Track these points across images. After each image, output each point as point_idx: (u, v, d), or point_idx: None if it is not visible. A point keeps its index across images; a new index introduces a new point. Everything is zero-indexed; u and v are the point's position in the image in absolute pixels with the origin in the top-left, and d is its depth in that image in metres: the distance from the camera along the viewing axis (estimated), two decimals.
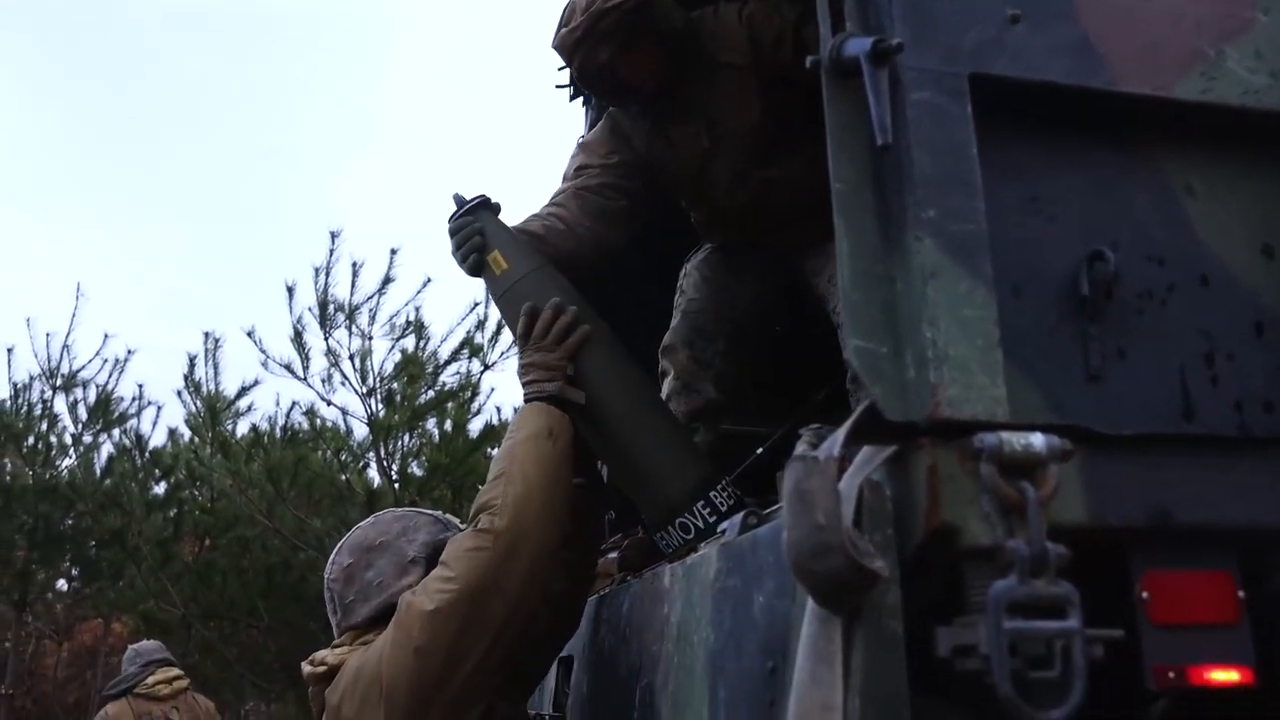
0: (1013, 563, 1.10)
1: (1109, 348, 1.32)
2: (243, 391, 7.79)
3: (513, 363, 8.70)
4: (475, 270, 2.30)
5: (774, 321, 2.67)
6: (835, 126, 1.30)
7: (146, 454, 8.90)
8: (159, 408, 8.86)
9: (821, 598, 1.12)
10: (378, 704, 1.87)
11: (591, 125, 2.95)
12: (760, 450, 2.70)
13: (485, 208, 2.28)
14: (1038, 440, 1.16)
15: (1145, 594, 1.23)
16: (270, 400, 11.93)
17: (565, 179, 2.47)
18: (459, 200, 2.29)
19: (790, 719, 1.14)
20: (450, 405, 7.29)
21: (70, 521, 9.06)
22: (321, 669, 2.03)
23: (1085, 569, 1.14)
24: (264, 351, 7.18)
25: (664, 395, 2.48)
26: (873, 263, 1.27)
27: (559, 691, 3.16)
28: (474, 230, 2.24)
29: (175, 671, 5.34)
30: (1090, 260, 1.33)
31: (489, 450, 7.73)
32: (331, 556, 2.24)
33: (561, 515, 2.05)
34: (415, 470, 7.26)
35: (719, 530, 1.75)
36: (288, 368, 7.20)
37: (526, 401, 2.16)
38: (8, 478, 8.93)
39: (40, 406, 9.03)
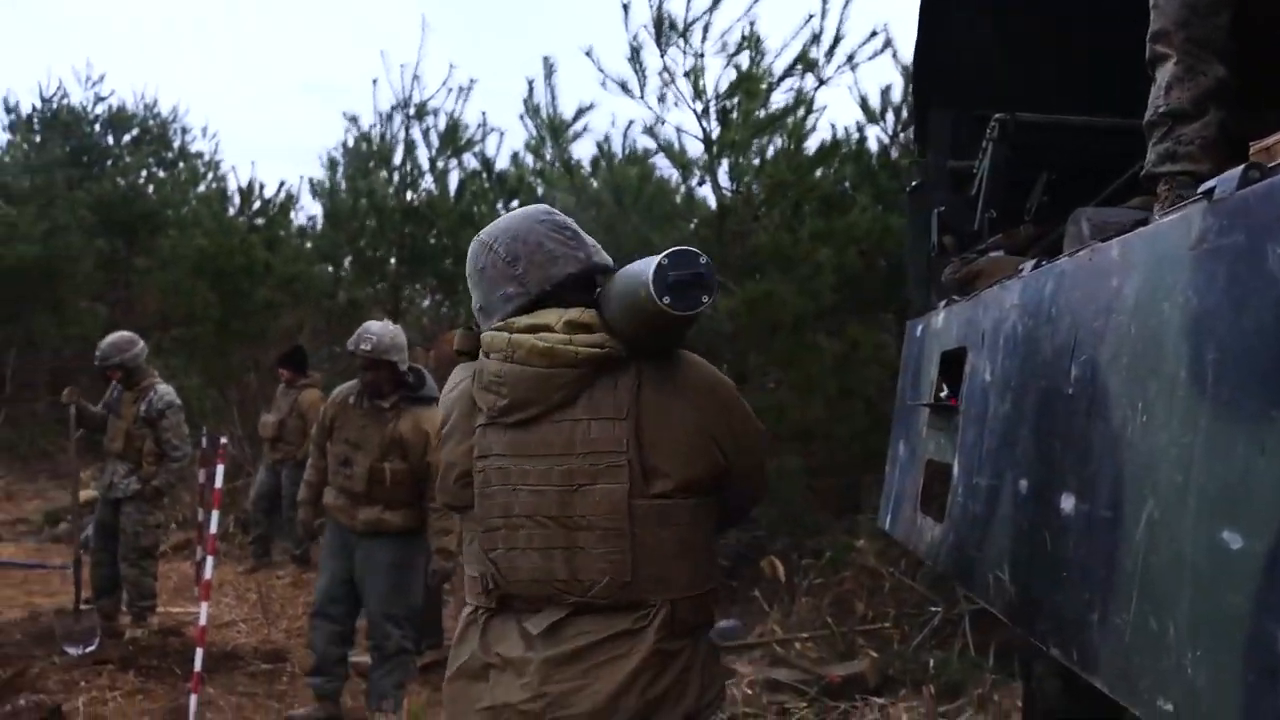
0: None
1: None
2: (580, 113, 8.02)
3: (848, 77, 8.40)
4: None
5: None
6: None
7: (493, 176, 9.50)
8: (501, 134, 9.36)
9: None
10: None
11: None
12: None
13: None
14: None
15: None
16: (605, 122, 12.29)
17: None
18: None
19: None
20: (789, 120, 7.17)
21: (432, 240, 9.95)
22: (603, 351, 1.91)
23: None
24: (601, 70, 7.30)
25: (1162, 85, 2.27)
26: None
27: (941, 384, 3.19)
28: None
29: None
30: None
31: (823, 168, 7.63)
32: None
33: None
34: (753, 188, 7.30)
35: (1199, 191, 1.61)
36: (623, 86, 7.29)
37: None
38: (379, 200, 9.85)
39: (401, 133, 9.80)
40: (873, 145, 8.21)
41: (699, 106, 7.31)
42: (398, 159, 9.94)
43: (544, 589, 1.90)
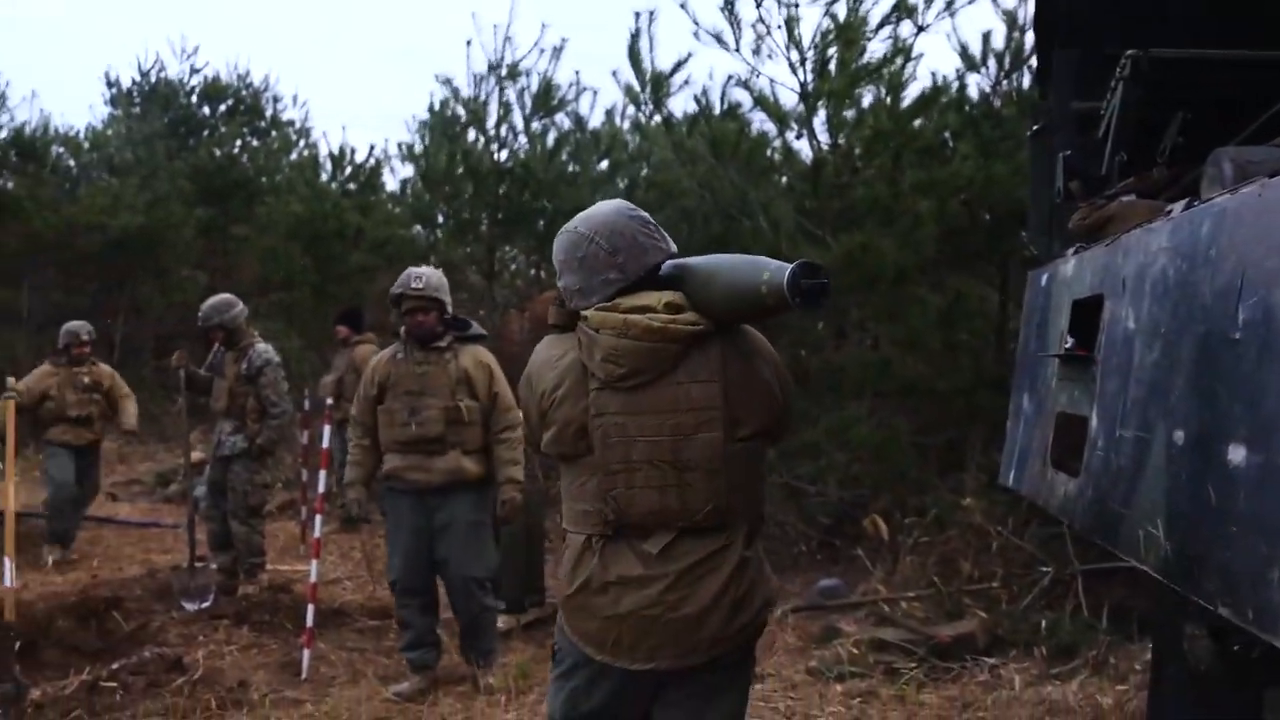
0: None
1: None
2: (678, 66, 7.88)
3: (946, 24, 8.20)
4: None
5: None
6: None
7: (587, 135, 9.44)
8: (594, 92, 9.29)
9: None
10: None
11: None
12: None
13: None
14: None
15: None
16: (702, 75, 12.12)
17: None
18: None
19: None
20: (886, 71, 6.97)
21: (525, 200, 9.92)
22: (700, 328, 2.29)
23: None
24: (696, 23, 7.18)
25: None
26: None
27: (1070, 333, 3.06)
28: None
29: None
30: None
31: (923, 118, 7.41)
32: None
33: None
34: (850, 139, 7.12)
35: None
36: (718, 38, 7.17)
37: None
38: (474, 162, 9.85)
39: (497, 94, 9.78)
40: (973, 93, 7.98)
41: (794, 57, 7.15)
42: (491, 121, 9.93)
43: (659, 518, 2.33)
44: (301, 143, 17.65)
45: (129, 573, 7.05)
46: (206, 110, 18.12)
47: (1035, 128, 3.99)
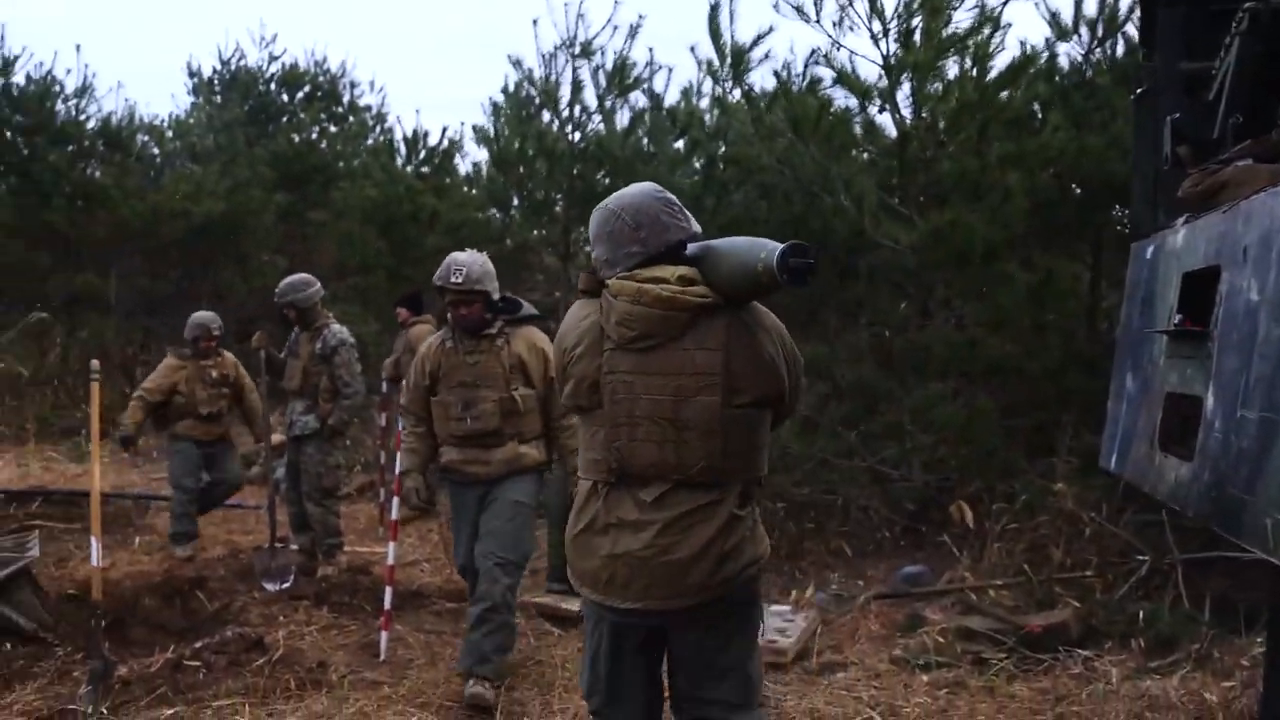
0: None
1: None
2: (758, 39, 7.69)
3: None
4: None
5: None
6: None
7: (663, 113, 9.28)
8: (670, 70, 9.10)
9: None
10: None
11: None
12: None
13: None
14: None
15: None
16: (783, 49, 11.84)
17: None
18: None
19: None
20: (972, 42, 6.72)
21: (600, 179, 9.80)
22: (708, 300, 2.51)
23: None
24: None
25: None
26: None
27: (1179, 308, 2.88)
28: None
29: None
30: None
31: (1011, 89, 7.14)
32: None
33: None
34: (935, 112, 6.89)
35: None
36: (798, 10, 6.98)
37: None
38: (549, 143, 9.75)
39: (570, 73, 9.68)
40: (1064, 63, 7.69)
41: (877, 28, 6.93)
42: (564, 100, 9.85)
43: (657, 470, 2.57)
44: (378, 128, 17.78)
45: (212, 553, 7.14)
46: (285, 97, 18.31)
47: (1139, 91, 3.77)
